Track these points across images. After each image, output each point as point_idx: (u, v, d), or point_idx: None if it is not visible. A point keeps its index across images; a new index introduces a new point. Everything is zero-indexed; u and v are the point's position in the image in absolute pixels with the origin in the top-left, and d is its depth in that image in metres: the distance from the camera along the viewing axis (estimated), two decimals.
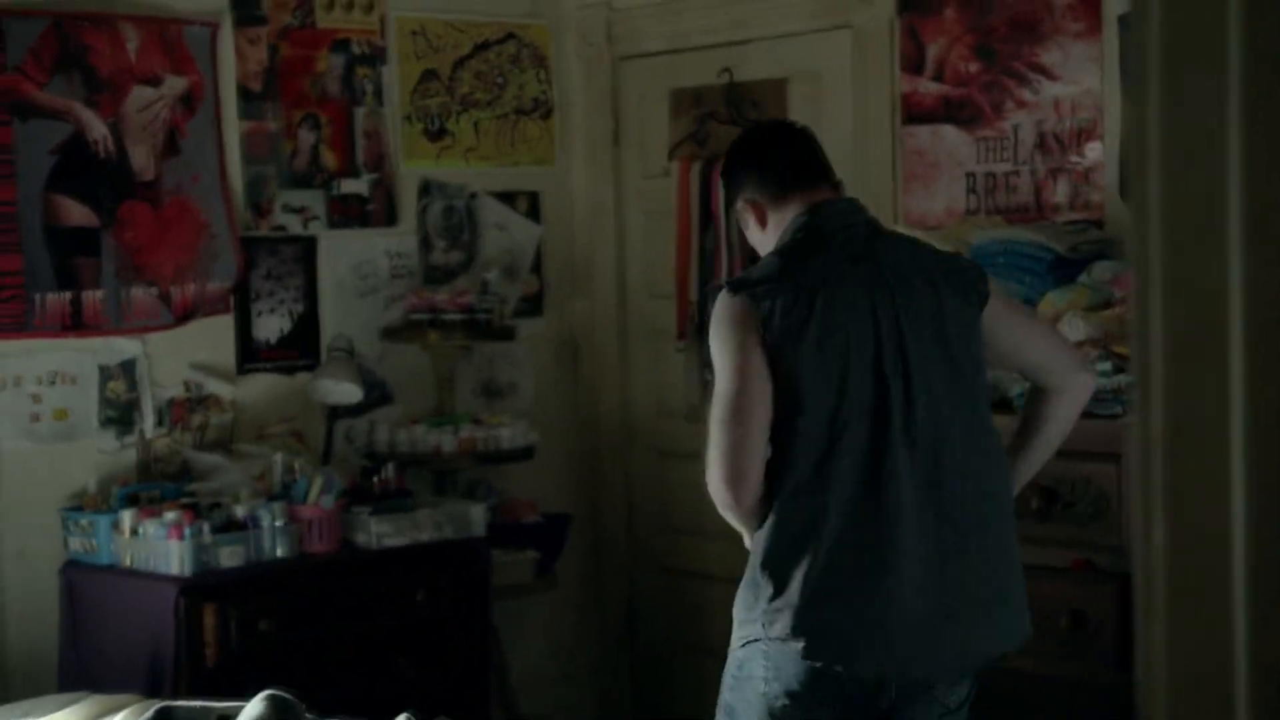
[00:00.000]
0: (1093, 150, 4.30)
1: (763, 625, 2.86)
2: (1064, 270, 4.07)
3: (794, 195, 2.98)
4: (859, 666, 2.82)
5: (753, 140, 3.20)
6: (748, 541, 2.94)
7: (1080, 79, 4.31)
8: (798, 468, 2.81)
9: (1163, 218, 1.10)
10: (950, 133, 4.58)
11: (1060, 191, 4.37)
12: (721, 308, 2.89)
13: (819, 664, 2.81)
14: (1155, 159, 1.10)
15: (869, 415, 2.81)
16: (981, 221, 4.45)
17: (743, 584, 2.93)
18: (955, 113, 4.57)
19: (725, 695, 3.01)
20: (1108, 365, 3.62)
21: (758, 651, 2.88)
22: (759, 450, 2.83)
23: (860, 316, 2.82)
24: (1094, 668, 3.69)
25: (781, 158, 3.05)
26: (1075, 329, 3.80)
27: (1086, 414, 3.63)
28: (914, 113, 4.65)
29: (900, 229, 4.49)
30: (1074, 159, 4.35)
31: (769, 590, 2.84)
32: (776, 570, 2.83)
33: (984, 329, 2.94)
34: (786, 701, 2.86)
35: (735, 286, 2.90)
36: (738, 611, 2.95)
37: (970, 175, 4.55)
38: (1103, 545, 3.68)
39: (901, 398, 2.81)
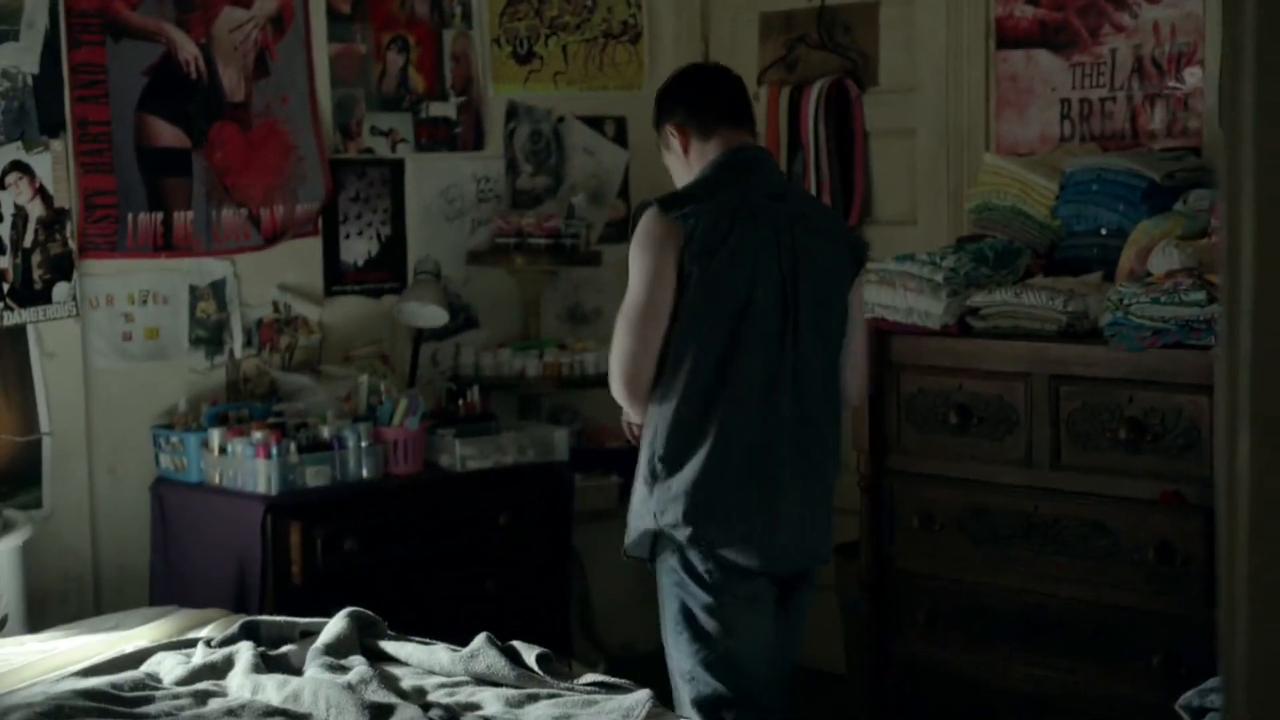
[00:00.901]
0: (1192, 75, 4.21)
1: (655, 515, 3.19)
2: (1159, 198, 4.00)
3: (718, 132, 3.26)
4: (737, 555, 3.17)
5: (693, 75, 3.49)
6: (638, 417, 3.26)
7: (1180, 2, 4.20)
8: (699, 373, 3.11)
9: (1255, 136, 1.06)
10: (1045, 57, 4.49)
11: (1157, 118, 4.28)
12: (650, 223, 3.14)
13: (703, 547, 3.16)
14: (1249, 77, 1.06)
15: (766, 335, 3.13)
16: (1075, 149, 4.37)
17: (639, 475, 3.24)
18: (1051, 37, 4.48)
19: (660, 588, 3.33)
20: (1202, 295, 3.55)
21: (665, 540, 3.21)
22: (654, 356, 3.16)
23: (768, 246, 3.14)
24: (1182, 601, 3.65)
25: (716, 96, 3.32)
26: (1170, 258, 3.73)
27: (1179, 344, 3.59)
28: (1008, 37, 4.57)
29: (990, 157, 4.43)
30: (1172, 84, 4.25)
31: (665, 481, 3.16)
32: (672, 463, 3.15)
33: None
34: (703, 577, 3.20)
35: (666, 205, 3.15)
36: (633, 501, 3.27)
37: (1065, 101, 4.46)
38: (1193, 477, 3.62)
39: (793, 325, 3.15)
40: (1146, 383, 3.69)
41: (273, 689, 2.98)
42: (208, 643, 3.22)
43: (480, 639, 3.15)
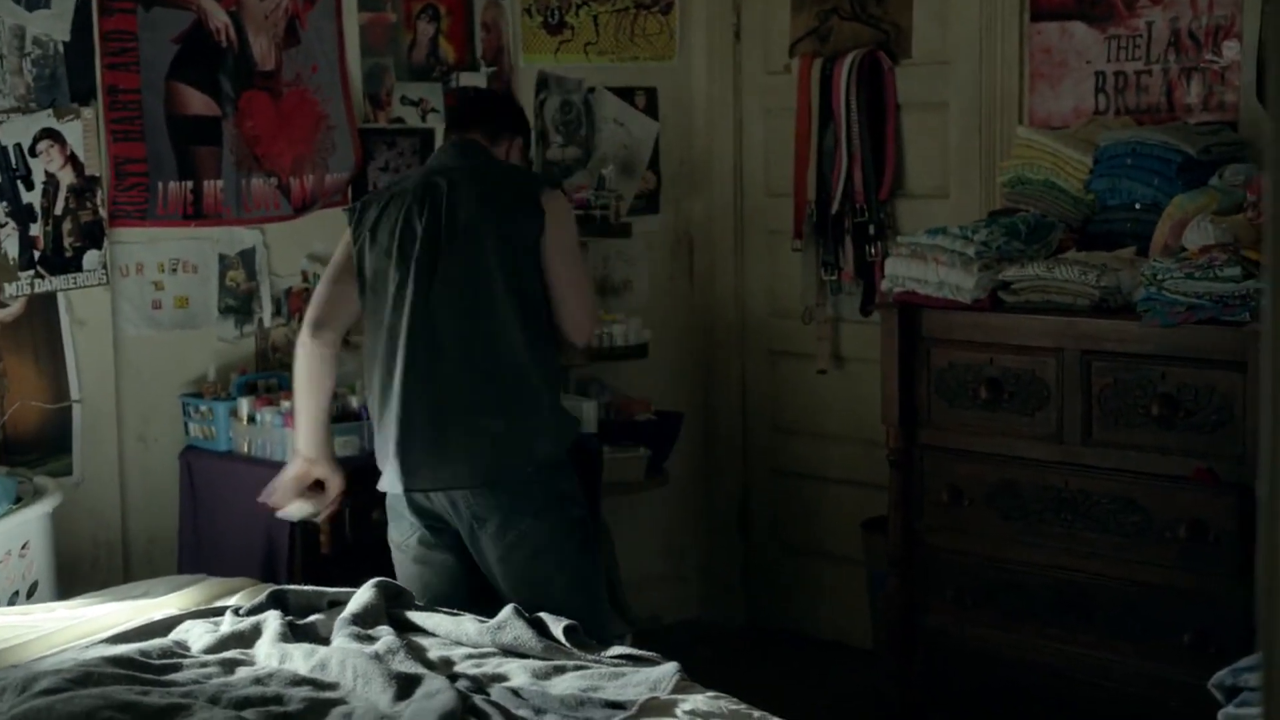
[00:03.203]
0: (1229, 49, 4.16)
1: None
2: (1194, 173, 3.96)
3: (452, 134, 3.76)
4: (391, 492, 3.58)
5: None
6: None
7: None
8: (370, 335, 3.60)
9: None
10: (1080, 30, 4.45)
11: (1193, 91, 4.24)
12: None
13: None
14: None
15: (404, 297, 3.49)
16: (1110, 122, 4.33)
17: None
18: (1086, 9, 4.43)
19: None
20: (1237, 270, 3.52)
21: None
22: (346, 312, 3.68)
23: (410, 220, 3.52)
24: (1213, 578, 3.63)
25: (459, 106, 3.99)
26: (1205, 233, 3.70)
27: (1212, 320, 3.56)
28: (1043, 8, 4.53)
29: (1023, 130, 4.39)
30: (1209, 58, 4.21)
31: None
32: (372, 415, 3.67)
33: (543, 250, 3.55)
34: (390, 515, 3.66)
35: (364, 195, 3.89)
36: None
37: (1099, 74, 4.42)
38: (1226, 454, 3.60)
39: (426, 285, 3.48)
40: (1180, 359, 3.66)
41: (300, 658, 2.98)
42: (236, 611, 3.22)
43: (508, 610, 3.15)
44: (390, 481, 3.55)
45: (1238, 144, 4.04)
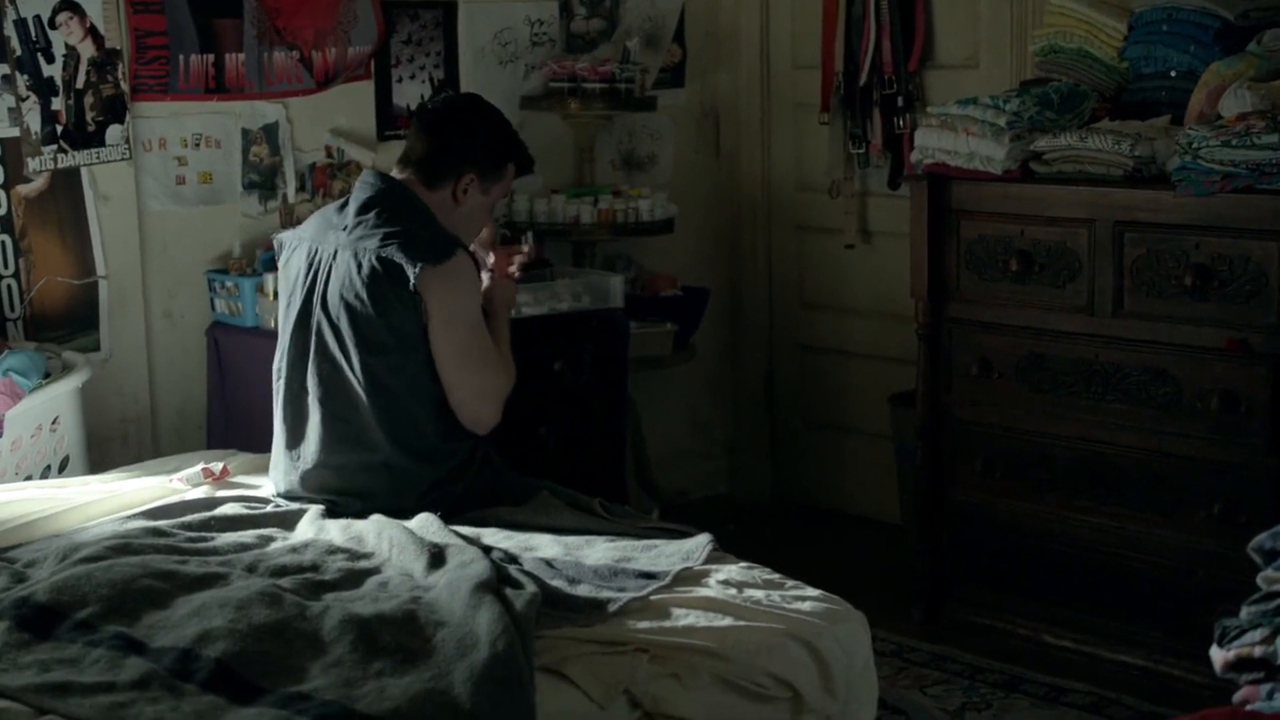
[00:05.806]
0: None
1: None
2: (1232, 39, 3.90)
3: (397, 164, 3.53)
4: None
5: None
6: None
7: None
8: (278, 371, 3.50)
9: None
10: None
11: None
12: None
13: None
14: None
15: (295, 344, 3.41)
16: None
17: None
18: None
19: None
20: (1275, 138, 3.47)
21: None
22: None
23: (305, 268, 3.41)
24: (1244, 449, 3.62)
25: (411, 132, 3.56)
26: (1241, 100, 3.65)
27: (1249, 189, 3.52)
28: None
29: None
30: None
31: None
32: None
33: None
34: None
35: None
36: None
37: None
38: (1259, 324, 3.57)
39: (310, 336, 3.37)
40: (1214, 228, 3.63)
41: (336, 531, 3.00)
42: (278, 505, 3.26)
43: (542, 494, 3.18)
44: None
45: (1277, 9, 3.96)
